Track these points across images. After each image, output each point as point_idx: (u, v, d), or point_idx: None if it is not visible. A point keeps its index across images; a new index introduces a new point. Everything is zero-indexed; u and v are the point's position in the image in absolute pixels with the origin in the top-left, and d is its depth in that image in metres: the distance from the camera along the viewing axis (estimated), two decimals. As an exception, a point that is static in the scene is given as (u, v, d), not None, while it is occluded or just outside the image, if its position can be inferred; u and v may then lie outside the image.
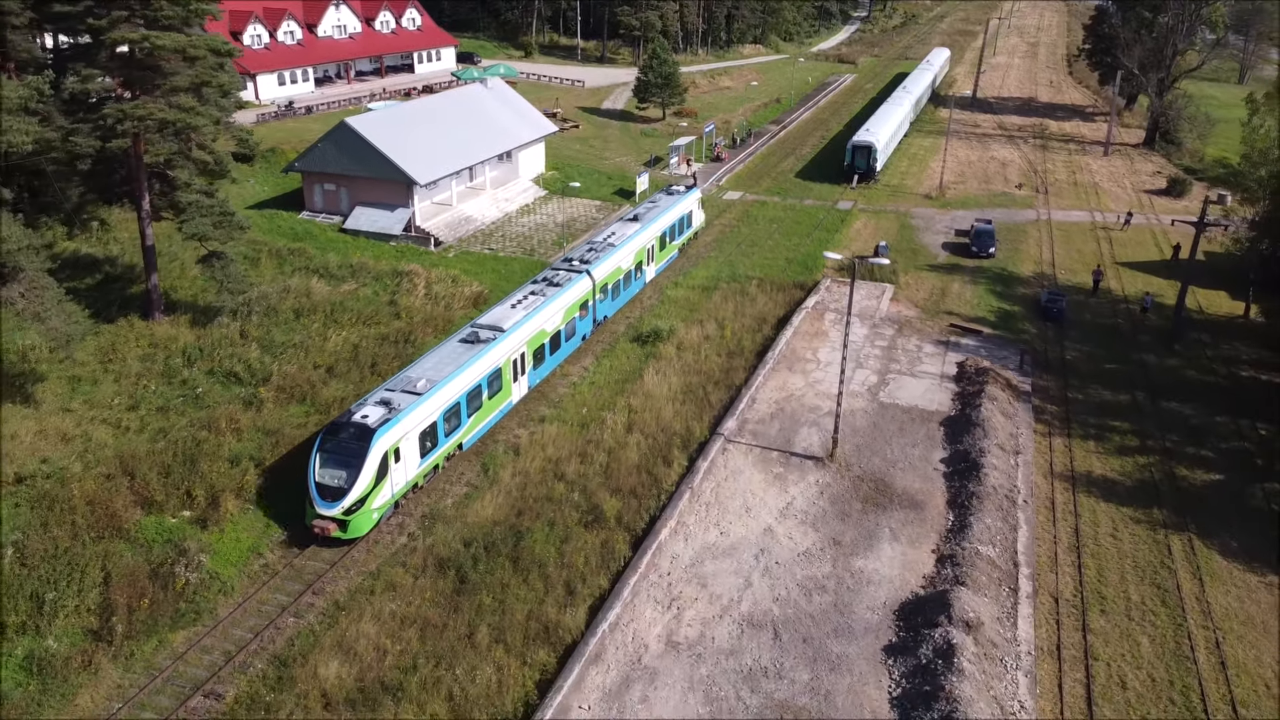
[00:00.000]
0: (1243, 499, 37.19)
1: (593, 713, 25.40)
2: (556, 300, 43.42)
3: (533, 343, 41.32)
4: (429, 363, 37.14)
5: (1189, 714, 26.79)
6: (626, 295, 52.00)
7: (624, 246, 50.67)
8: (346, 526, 31.63)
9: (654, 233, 54.75)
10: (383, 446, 31.96)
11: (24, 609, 27.99)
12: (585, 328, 47.16)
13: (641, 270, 53.60)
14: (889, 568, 31.50)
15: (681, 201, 59.54)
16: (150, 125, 39.60)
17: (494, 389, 38.62)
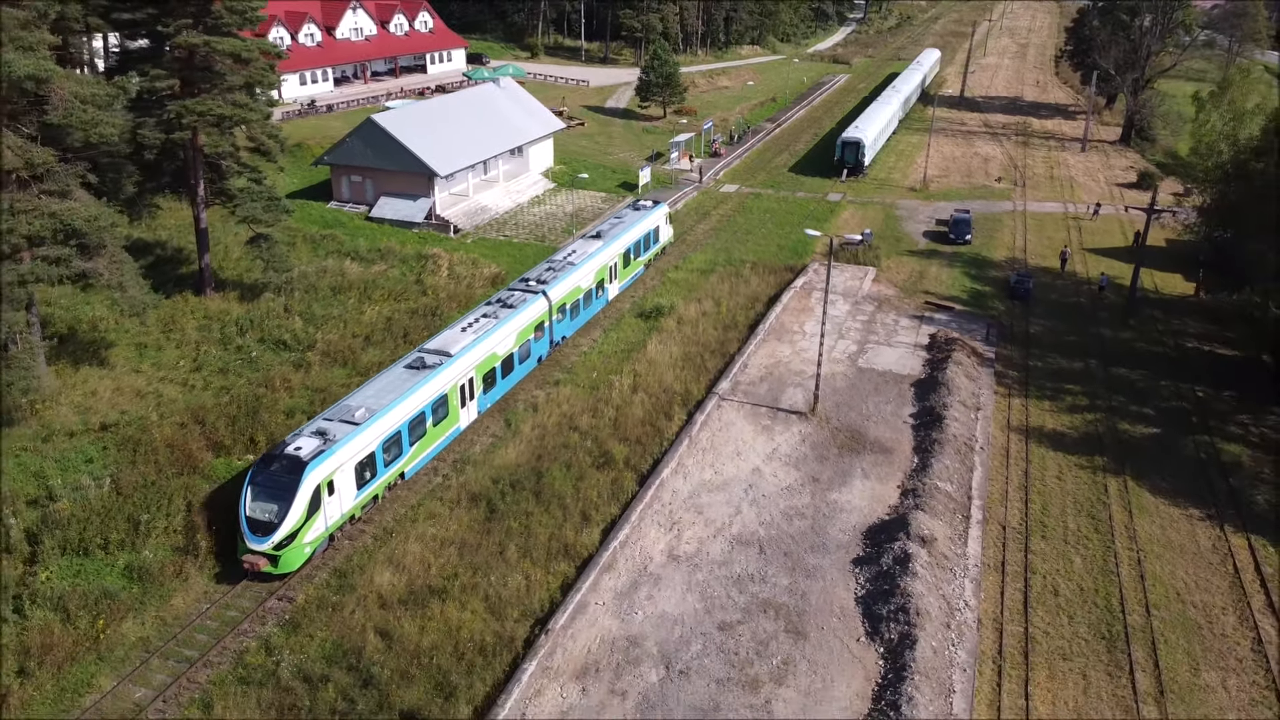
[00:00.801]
0: (1175, 449, 42.22)
1: (607, 608, 30.42)
2: (509, 323, 42.76)
3: (482, 367, 40.78)
4: (371, 390, 36.70)
5: (1109, 614, 31.78)
6: (587, 314, 51.20)
7: (584, 265, 49.88)
8: (277, 562, 31.17)
9: (617, 250, 53.77)
10: (315, 480, 31.52)
11: (122, 529, 32.91)
12: (541, 349, 46.56)
13: (603, 288, 52.73)
14: (859, 499, 36.55)
15: (647, 217, 58.57)
16: (210, 120, 44.69)
17: (439, 415, 38.05)
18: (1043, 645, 30.32)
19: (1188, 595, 32.98)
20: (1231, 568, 34.39)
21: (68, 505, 33.43)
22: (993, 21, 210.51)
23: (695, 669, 28.08)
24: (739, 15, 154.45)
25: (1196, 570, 34.26)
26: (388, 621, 30.02)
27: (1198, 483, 39.67)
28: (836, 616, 30.42)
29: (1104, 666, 29.54)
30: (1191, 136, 62.57)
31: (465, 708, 26.81)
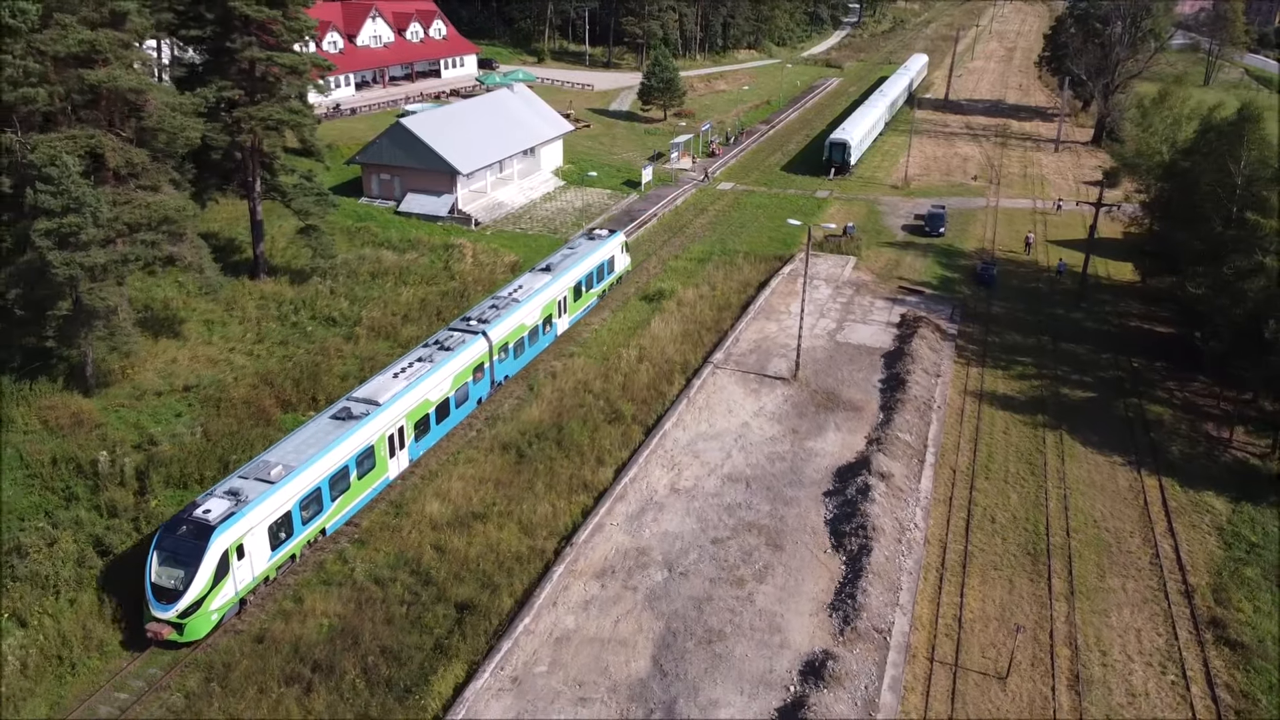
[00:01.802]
0: (1108, 410, 48.83)
1: (620, 528, 36.99)
2: (445, 367, 42.06)
3: (414, 414, 39.94)
4: (292, 444, 35.86)
5: (1036, 536, 38.35)
6: (533, 351, 50.31)
7: (530, 301, 49.14)
8: (183, 630, 30.37)
9: (567, 283, 52.91)
10: (223, 544, 30.79)
11: (214, 467, 39.41)
12: (481, 390, 45.63)
13: (551, 323, 51.69)
14: (832, 446, 43.14)
15: (601, 248, 57.50)
16: (270, 124, 51.23)
17: (365, 468, 37.26)
18: (978, 559, 36.92)
19: (1103, 523, 39.57)
20: (1142, 502, 41.00)
21: (169, 448, 40.00)
22: (980, 27, 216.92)
23: (692, 571, 34.67)
24: (736, 20, 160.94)
25: (1113, 504, 40.85)
26: (439, 539, 36.56)
27: (1123, 436, 46.27)
28: (808, 534, 37.01)
29: (1027, 574, 36.13)
30: (1136, 139, 69.11)
31: (508, 600, 33.37)
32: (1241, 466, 44.09)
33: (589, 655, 30.76)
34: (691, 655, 30.79)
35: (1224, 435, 46.30)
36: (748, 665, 30.47)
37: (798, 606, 33.14)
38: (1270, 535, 39.13)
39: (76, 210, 38.96)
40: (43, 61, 40.01)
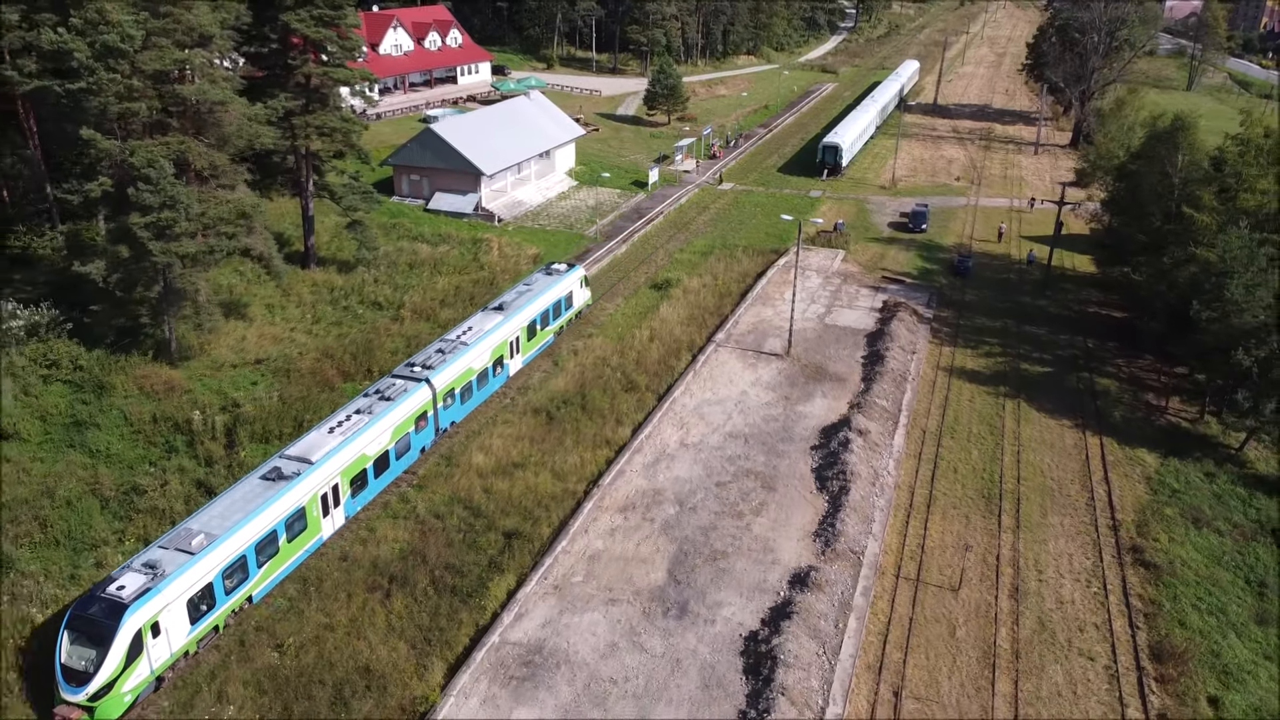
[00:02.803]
0: (1062, 382, 55.62)
1: (638, 473, 43.78)
2: (384, 419, 41.33)
3: (350, 471, 39.15)
4: (219, 508, 35.00)
5: (991, 484, 45.13)
6: (482, 395, 49.52)
7: (478, 344, 48.51)
8: (94, 713, 29.23)
9: (520, 322, 52.19)
10: (136, 623, 29.71)
11: (290, 425, 46.11)
12: (424, 439, 44.84)
13: (503, 365, 51.02)
14: (818, 410, 49.94)
15: (559, 284, 56.57)
16: (325, 131, 57.99)
17: (296, 530, 36.39)
18: (940, 501, 43.73)
19: (1049, 473, 46.39)
20: (1084, 457, 47.82)
21: (252, 409, 46.77)
22: (970, 34, 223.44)
23: (700, 507, 41.47)
24: (736, 27, 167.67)
25: (1059, 458, 47.66)
26: (486, 483, 43.33)
27: (1074, 404, 53.09)
28: (797, 479, 43.82)
29: (981, 513, 42.94)
30: (1096, 144, 75.93)
31: (547, 528, 40.17)
32: (1173, 429, 50.94)
33: (616, 569, 37.57)
34: (700, 569, 37.60)
35: (1161, 403, 53.13)
36: (746, 576, 37.28)
37: (787, 533, 39.95)
38: (1191, 483, 45.98)
39: (171, 206, 45.67)
40: (143, 78, 46.71)
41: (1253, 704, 33.23)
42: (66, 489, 40.89)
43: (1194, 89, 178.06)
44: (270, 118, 52.86)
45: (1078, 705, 32.63)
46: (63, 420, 45.47)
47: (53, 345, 48.92)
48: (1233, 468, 47.45)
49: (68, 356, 48.68)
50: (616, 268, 71.27)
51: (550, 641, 33.75)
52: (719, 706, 31.20)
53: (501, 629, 34.15)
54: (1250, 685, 34.05)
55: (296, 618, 35.14)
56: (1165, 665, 34.36)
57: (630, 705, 31.12)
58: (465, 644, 34.00)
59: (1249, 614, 37.82)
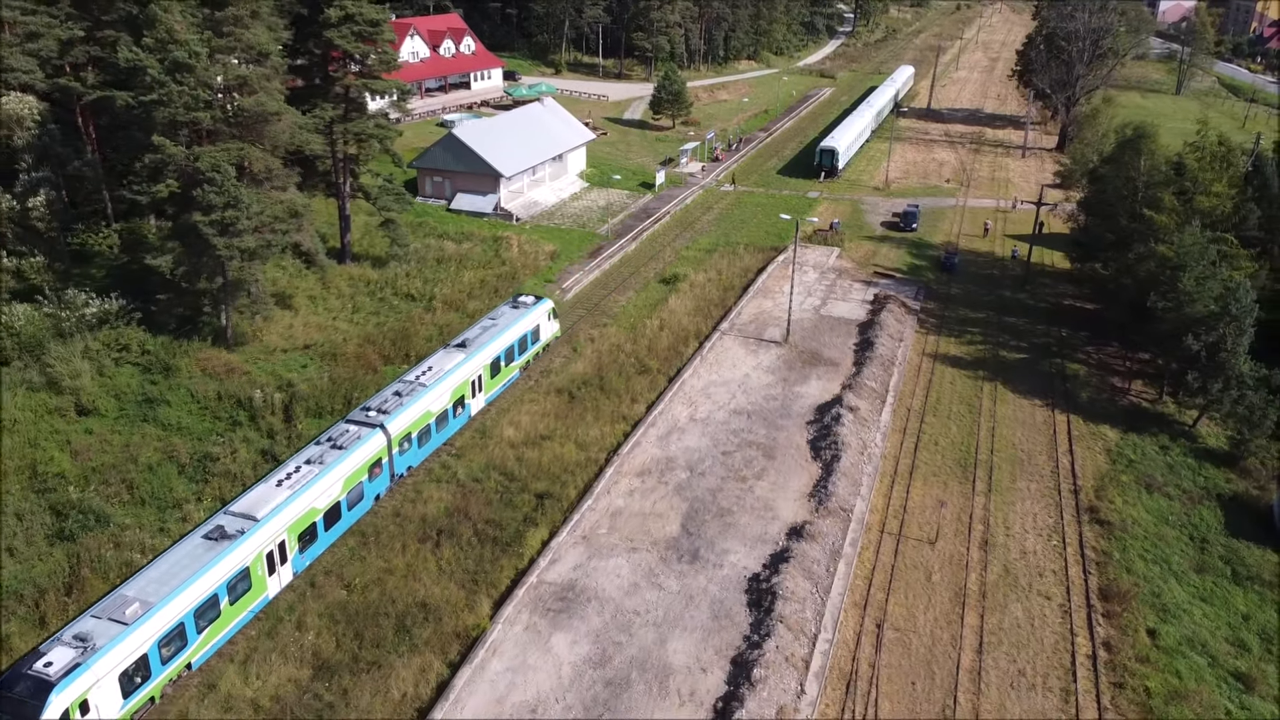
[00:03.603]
0: (1036, 367, 61.04)
1: (653, 444, 49.18)
2: (335, 469, 40.30)
3: (298, 526, 38.09)
4: (157, 571, 33.84)
5: (967, 454, 50.51)
6: (441, 437, 48.42)
7: (438, 385, 47.56)
8: None
9: (483, 360, 51.32)
10: (63, 703, 28.56)
11: (340, 401, 51.49)
12: (379, 487, 43.94)
13: (464, 404, 49.98)
14: (814, 391, 55.36)
15: (525, 318, 55.81)
16: (363, 137, 63.38)
17: (240, 592, 35.34)
18: (922, 469, 49.13)
19: (1019, 445, 51.81)
20: (1052, 432, 53.22)
21: (306, 388, 52.14)
22: (965, 39, 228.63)
23: (708, 472, 46.88)
24: (737, 34, 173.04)
25: (1029, 433, 53.07)
26: (517, 453, 48.72)
27: (1045, 386, 58.51)
28: (794, 449, 49.24)
29: (958, 479, 48.34)
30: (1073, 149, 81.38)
31: (573, 490, 45.55)
32: (1134, 408, 56.37)
33: (636, 523, 42.99)
34: (709, 523, 43.01)
35: (1124, 386, 58.54)
36: (749, 529, 42.70)
37: (785, 494, 45.37)
38: (1147, 455, 51.41)
39: (234, 205, 51.01)
40: (208, 90, 52.07)
41: (1185, 635, 38.61)
42: (146, 456, 46.28)
43: (1183, 93, 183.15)
44: (317, 126, 58.25)
45: (1034, 634, 38.03)
46: (135, 398, 50.80)
47: (122, 332, 54.21)
48: (1185, 442, 52.86)
49: (136, 342, 53.98)
50: (627, 263, 76.67)
51: (581, 581, 39.16)
52: (727, 633, 36.60)
53: (538, 571, 39.56)
54: (1184, 620, 39.44)
55: (359, 563, 40.54)
56: (1111, 603, 39.77)
57: (651, 632, 36.52)
58: (507, 584, 39.39)
59: (1189, 564, 43.23)
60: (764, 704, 32.64)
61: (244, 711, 33.19)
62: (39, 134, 58.26)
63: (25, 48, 59.02)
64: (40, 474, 44.34)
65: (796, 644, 35.53)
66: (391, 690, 33.98)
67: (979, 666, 36.29)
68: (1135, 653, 37.19)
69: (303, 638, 36.49)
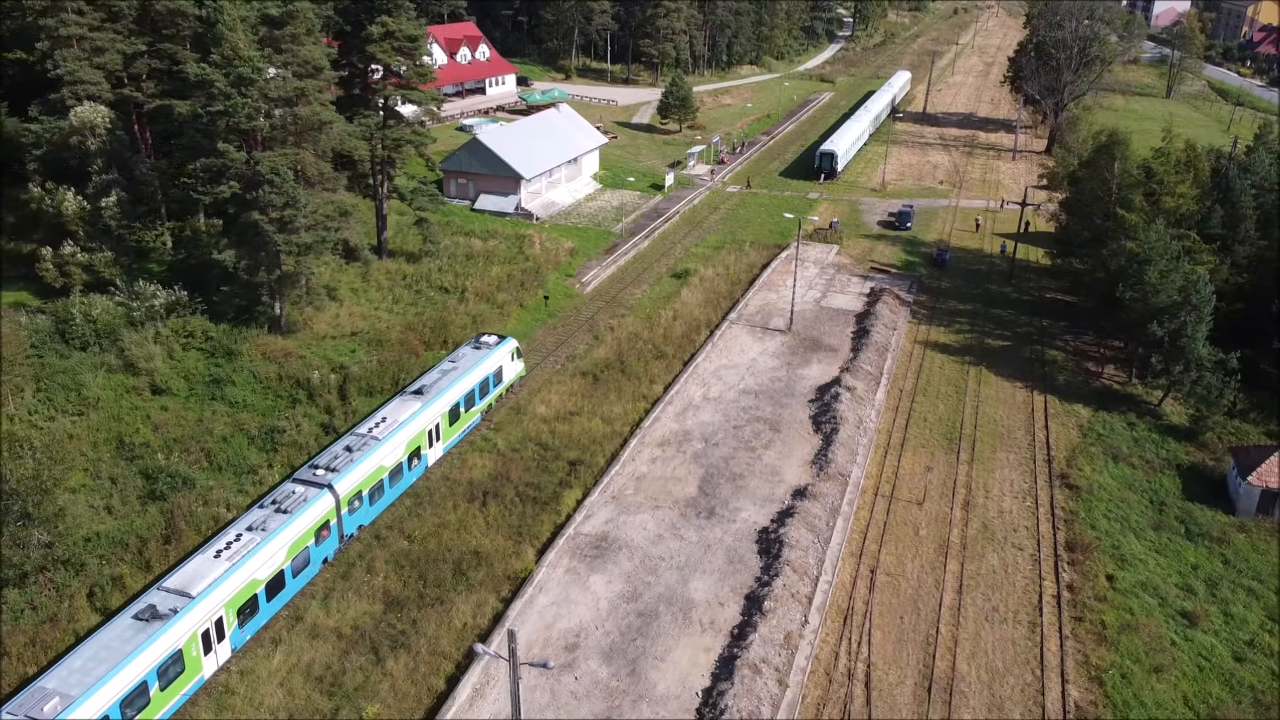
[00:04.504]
0: (1018, 354, 66.74)
1: (671, 419, 54.87)
2: (278, 536, 38.59)
3: (237, 601, 36.21)
4: (80, 660, 31.73)
5: (953, 429, 56.20)
6: (395, 492, 46.66)
7: (392, 438, 45.82)
8: None
9: (441, 408, 49.52)
10: None
11: (389, 382, 57.15)
12: (327, 550, 42.01)
13: (420, 455, 48.19)
14: (815, 373, 61.07)
15: (487, 359, 54.26)
16: (400, 143, 69.08)
17: (172, 675, 33.36)
18: (912, 441, 54.82)
19: (1000, 421, 57.51)
20: (1030, 410, 58.91)
21: (358, 369, 57.81)
22: (961, 44, 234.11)
23: (720, 443, 52.58)
24: (739, 40, 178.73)
25: (1009, 411, 58.75)
26: (549, 427, 54.40)
27: (1026, 370, 64.20)
28: (798, 424, 54.95)
29: (944, 450, 54.03)
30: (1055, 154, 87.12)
31: (601, 458, 51.23)
32: (1106, 390, 62.06)
33: (658, 485, 48.69)
34: (723, 486, 48.72)
35: (1098, 370, 64.24)
36: (759, 491, 48.40)
37: (790, 462, 51.08)
38: (1115, 430, 57.08)
39: (292, 205, 56.71)
40: (268, 101, 57.73)
41: (1140, 580, 44.28)
42: (219, 429, 52.00)
43: (1173, 96, 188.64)
44: (363, 133, 63.96)
45: (1007, 579, 43.73)
46: (203, 379, 56.46)
47: (188, 320, 59.90)
48: (1151, 419, 58.54)
49: (200, 329, 59.64)
50: (641, 259, 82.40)
51: (612, 533, 44.86)
52: (741, 575, 42.30)
53: (575, 525, 45.25)
54: (1139, 568, 45.12)
55: (417, 519, 46.22)
56: (1076, 553, 45.46)
57: (675, 574, 42.22)
58: (548, 535, 45.09)
59: (1148, 522, 48.91)
60: (774, 630, 38.30)
61: (329, 639, 38.87)
62: (108, 140, 63.88)
63: (93, 61, 64.71)
64: (127, 444, 50.04)
65: (801, 584, 41.21)
66: (454, 620, 39.66)
67: (959, 604, 41.96)
68: (1094, 593, 42.87)
69: (373, 580, 42.18)
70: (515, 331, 66.67)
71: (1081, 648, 39.75)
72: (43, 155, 64.16)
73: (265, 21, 59.18)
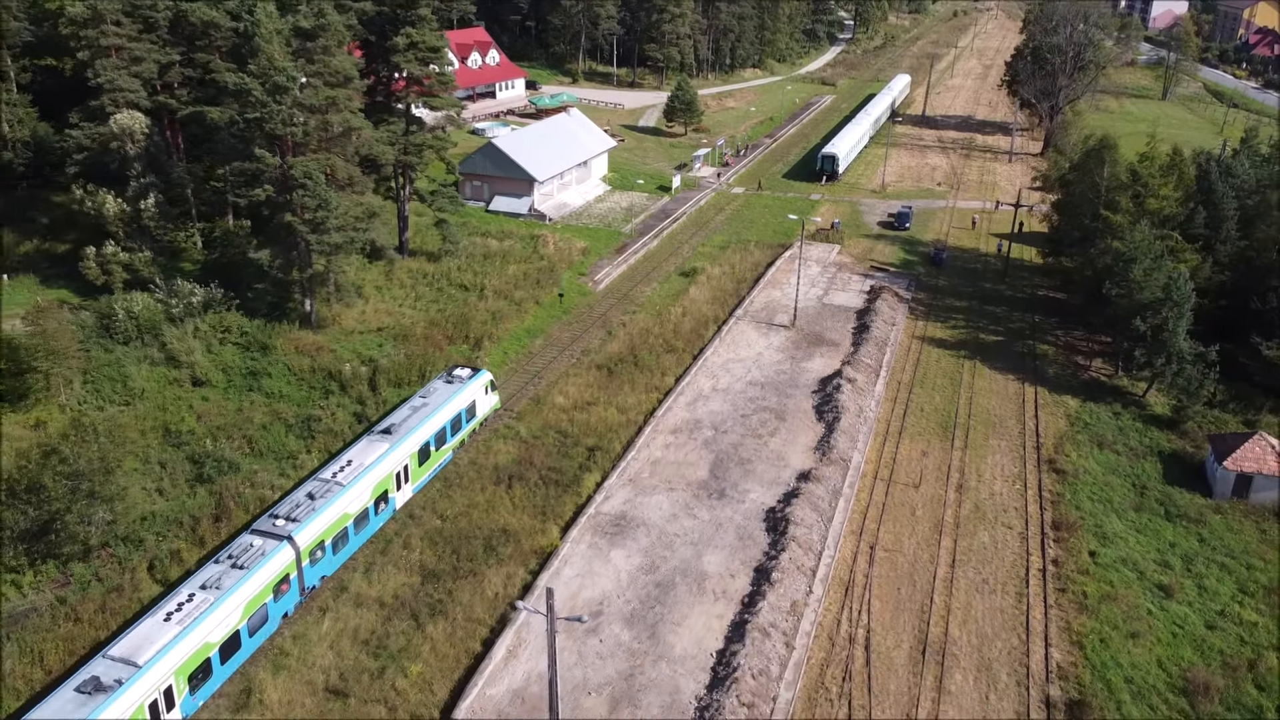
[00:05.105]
0: (1011, 348, 70.14)
1: (682, 409, 58.31)
2: (234, 595, 36.88)
3: (188, 666, 34.66)
4: None
5: (948, 418, 59.61)
6: (360, 539, 44.99)
7: (357, 483, 44.19)
8: None
9: (411, 448, 48.01)
10: None
11: (415, 374, 60.57)
12: (287, 604, 40.26)
13: (388, 498, 46.55)
14: (818, 365, 64.50)
15: (460, 394, 52.95)
16: (423, 147, 72.55)
17: None
18: (909, 430, 58.24)
19: (993, 411, 60.92)
20: (1021, 401, 62.31)
21: (387, 362, 61.24)
22: (960, 48, 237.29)
23: (729, 431, 56.02)
24: (742, 44, 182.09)
25: (1002, 402, 62.16)
26: (568, 416, 57.83)
27: (1018, 364, 67.60)
28: (802, 413, 58.40)
29: (939, 438, 57.44)
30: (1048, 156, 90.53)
31: (618, 444, 54.67)
32: (1094, 382, 65.46)
33: (672, 469, 52.13)
34: (732, 470, 52.15)
35: (1086, 364, 67.63)
36: (765, 474, 51.84)
37: (794, 448, 54.52)
38: (1101, 419, 60.45)
39: (324, 207, 60.13)
40: (302, 109, 61.17)
41: (1120, 556, 47.67)
42: (259, 418, 55.45)
43: (1169, 98, 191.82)
44: (389, 139, 67.42)
45: (997, 554, 47.14)
46: (240, 371, 59.91)
47: (224, 316, 63.32)
48: (1135, 409, 61.91)
49: (235, 324, 63.07)
50: (650, 258, 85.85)
51: (630, 512, 48.31)
52: (750, 550, 45.75)
53: (595, 505, 48.70)
54: (1119, 545, 48.51)
55: (448, 500, 49.65)
56: (1061, 532, 48.86)
57: (690, 549, 45.67)
58: (570, 514, 48.52)
59: (1129, 504, 52.29)
60: (781, 599, 41.73)
61: (372, 607, 42.29)
62: (146, 145, 67.32)
63: (131, 70, 68.17)
64: (173, 432, 53.52)
65: (806, 557, 44.65)
66: (486, 590, 43.09)
67: (952, 577, 45.38)
68: (1077, 567, 46.28)
69: (410, 554, 45.61)
70: (533, 327, 70.29)
71: (1064, 616, 43.14)
72: (83, 160, 67.60)
73: (298, 33, 62.59)
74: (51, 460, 43.21)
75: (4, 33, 76.90)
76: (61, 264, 69.82)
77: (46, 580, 43.08)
